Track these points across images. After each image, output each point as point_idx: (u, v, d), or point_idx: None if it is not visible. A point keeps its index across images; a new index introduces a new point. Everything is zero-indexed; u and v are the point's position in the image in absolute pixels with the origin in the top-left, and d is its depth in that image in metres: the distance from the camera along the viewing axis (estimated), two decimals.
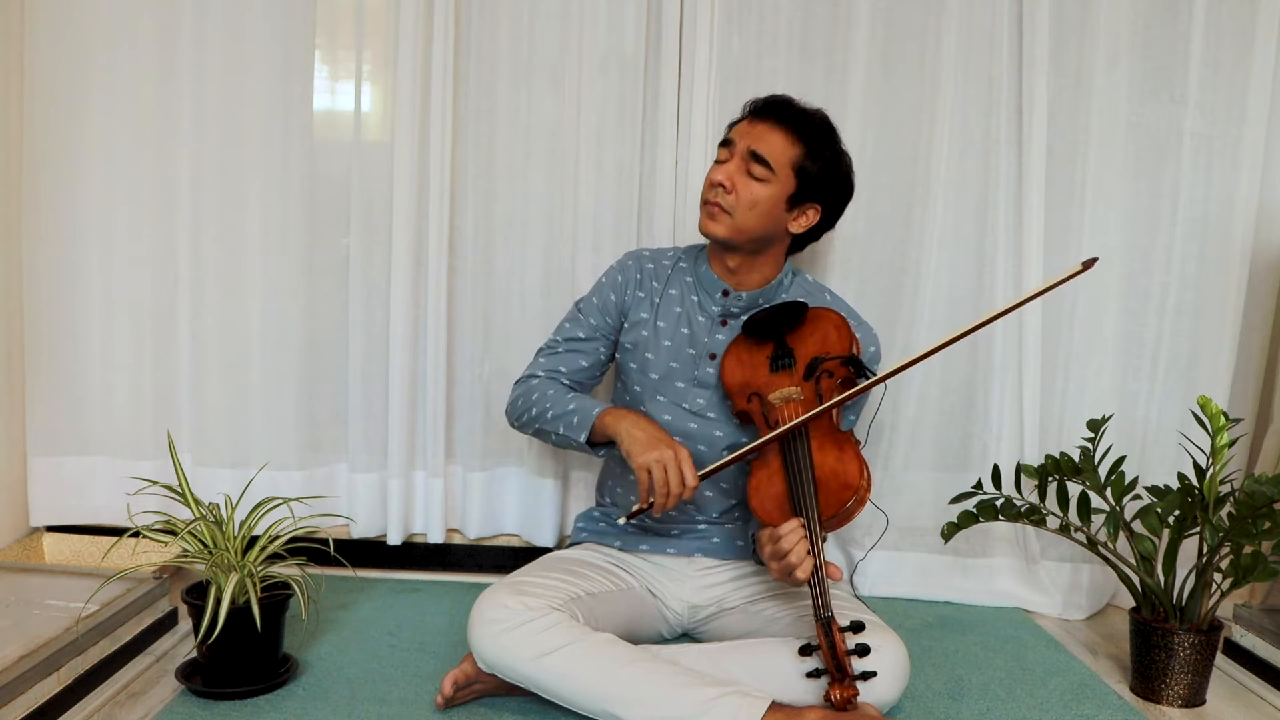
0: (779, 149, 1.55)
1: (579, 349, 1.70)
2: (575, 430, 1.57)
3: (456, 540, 2.11)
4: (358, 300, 2.01)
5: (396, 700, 1.47)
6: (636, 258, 1.73)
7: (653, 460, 1.44)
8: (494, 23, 1.96)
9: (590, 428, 1.56)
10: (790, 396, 1.50)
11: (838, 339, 1.53)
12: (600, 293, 1.71)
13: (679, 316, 1.66)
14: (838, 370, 1.50)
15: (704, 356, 1.63)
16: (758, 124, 1.58)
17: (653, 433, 1.49)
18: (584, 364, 1.70)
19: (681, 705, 1.30)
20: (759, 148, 1.55)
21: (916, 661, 1.67)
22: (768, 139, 1.56)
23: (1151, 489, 1.69)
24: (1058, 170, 1.94)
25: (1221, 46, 1.91)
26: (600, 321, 1.70)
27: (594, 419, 1.55)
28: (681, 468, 1.44)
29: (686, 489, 1.44)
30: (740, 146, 1.56)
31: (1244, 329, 1.97)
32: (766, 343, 1.58)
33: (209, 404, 2.02)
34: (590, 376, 1.73)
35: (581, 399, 1.62)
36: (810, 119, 1.59)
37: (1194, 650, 1.56)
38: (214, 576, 1.44)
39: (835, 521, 1.40)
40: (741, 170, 1.56)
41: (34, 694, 1.35)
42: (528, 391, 1.68)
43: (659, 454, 1.44)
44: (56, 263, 1.97)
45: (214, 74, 1.94)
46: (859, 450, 1.44)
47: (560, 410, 1.60)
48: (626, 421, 1.51)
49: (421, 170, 1.96)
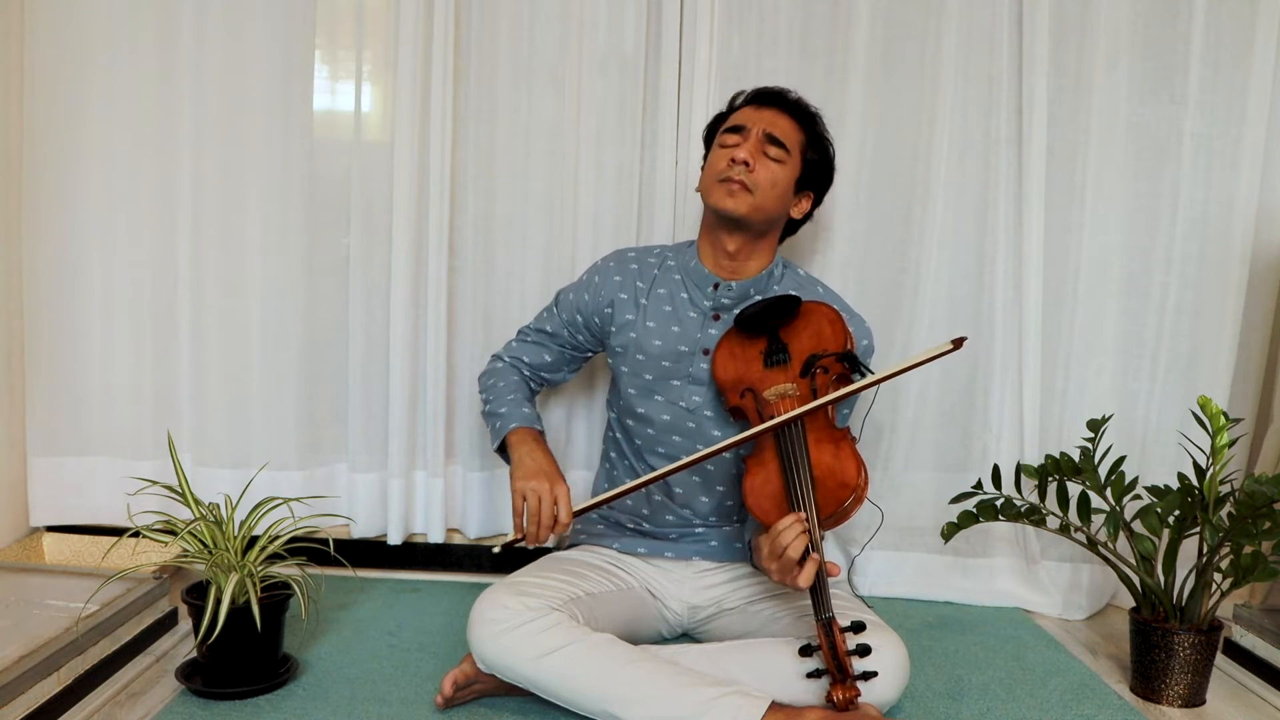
0: (791, 133, 1.61)
1: (544, 343, 1.76)
2: (494, 434, 1.67)
3: (456, 540, 2.11)
4: (358, 300, 2.01)
5: (396, 700, 1.47)
6: (620, 258, 1.72)
7: (529, 489, 1.49)
8: (494, 23, 1.96)
9: (503, 439, 1.63)
10: (785, 392, 1.48)
11: (832, 334, 1.52)
12: (577, 290, 1.73)
13: (669, 315, 1.65)
14: (833, 366, 1.49)
15: (697, 353, 1.63)
16: (764, 110, 1.62)
17: (541, 465, 1.53)
18: (547, 358, 1.75)
19: (681, 705, 1.30)
20: (775, 131, 1.59)
21: (916, 661, 1.67)
22: (780, 123, 1.60)
23: (1151, 489, 1.69)
24: (1058, 170, 1.94)
25: (1221, 46, 1.91)
26: (571, 318, 1.72)
27: (506, 432, 1.63)
28: (556, 501, 1.47)
29: (559, 524, 1.47)
30: (755, 130, 1.59)
31: (1244, 329, 1.97)
32: (759, 337, 1.56)
33: (209, 404, 2.02)
34: (552, 370, 1.77)
35: (515, 406, 1.67)
36: (807, 109, 1.66)
37: (1194, 650, 1.56)
38: (214, 576, 1.44)
39: (834, 520, 1.39)
40: (759, 151, 1.58)
41: (34, 694, 1.35)
42: (489, 374, 1.77)
43: (536, 484, 1.49)
44: (57, 262, 1.97)
45: (214, 74, 1.94)
46: (855, 447, 1.43)
47: (494, 408, 1.69)
48: (525, 448, 1.57)
49: (421, 170, 1.96)
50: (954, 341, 1.39)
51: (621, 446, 1.72)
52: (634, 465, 1.70)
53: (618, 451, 1.74)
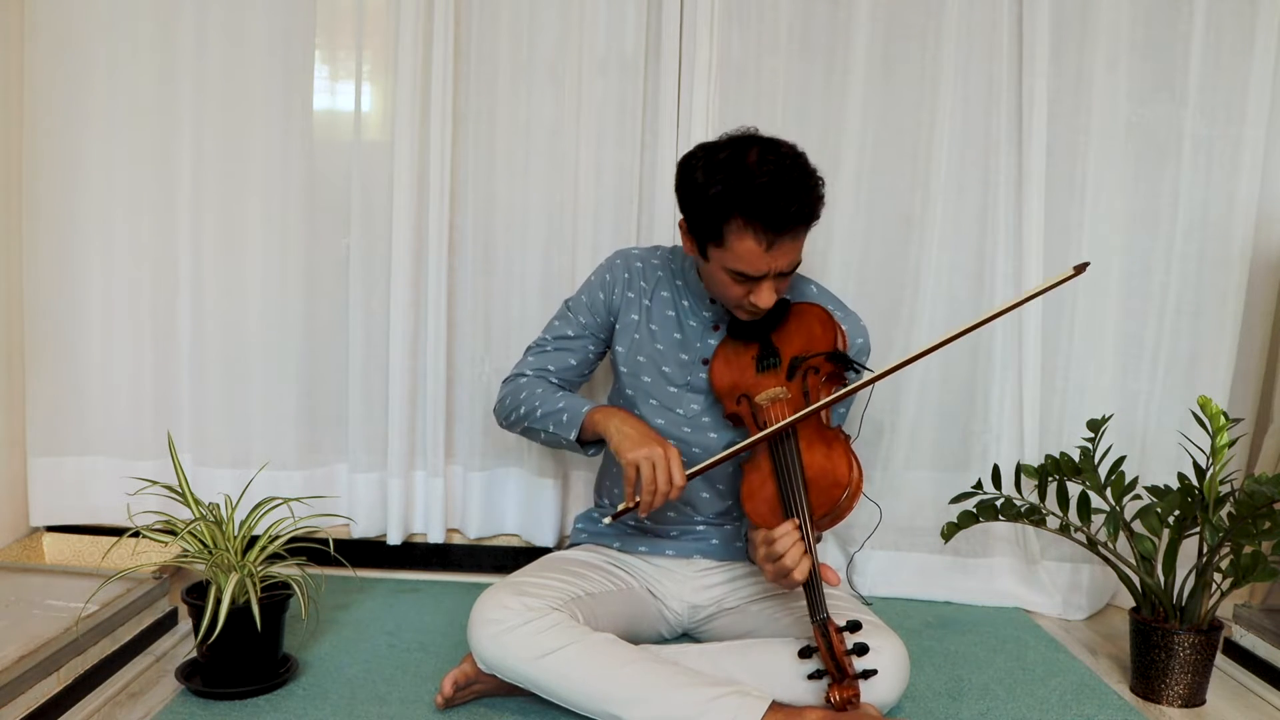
0: (800, 246, 1.47)
1: (568, 347, 1.70)
2: (565, 428, 1.57)
3: (456, 540, 2.11)
4: (358, 300, 2.01)
5: (396, 700, 1.47)
6: (625, 257, 1.71)
7: (642, 457, 1.43)
8: (494, 23, 1.96)
9: (580, 425, 1.55)
10: (777, 396, 1.49)
11: (822, 334, 1.51)
12: (589, 291, 1.70)
13: (672, 320, 1.65)
14: (823, 366, 1.49)
15: (697, 362, 1.62)
16: (776, 249, 1.41)
17: (643, 430, 1.48)
18: (572, 362, 1.70)
19: (682, 705, 1.30)
20: (788, 263, 1.46)
21: (916, 661, 1.67)
22: (793, 251, 1.45)
23: (1151, 489, 1.69)
24: (1058, 170, 1.94)
25: (1221, 47, 1.91)
26: (589, 320, 1.69)
27: (584, 416, 1.55)
28: (670, 466, 1.42)
29: (674, 488, 1.42)
30: (769, 277, 1.45)
31: (1244, 329, 1.97)
32: (753, 343, 1.56)
33: (209, 404, 2.02)
34: (579, 375, 1.73)
35: (570, 397, 1.61)
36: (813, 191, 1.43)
37: (1194, 650, 1.56)
38: (214, 576, 1.44)
39: (828, 520, 1.39)
40: (777, 284, 1.48)
41: (34, 694, 1.35)
42: (516, 390, 1.67)
43: (649, 451, 1.43)
44: (57, 262, 1.97)
45: (214, 74, 1.94)
46: (848, 446, 1.43)
47: (549, 408, 1.60)
48: (617, 419, 1.51)
49: (421, 170, 1.96)
50: (1075, 268, 1.35)
51: None
52: None
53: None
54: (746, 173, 1.39)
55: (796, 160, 1.44)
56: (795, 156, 1.45)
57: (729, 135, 1.49)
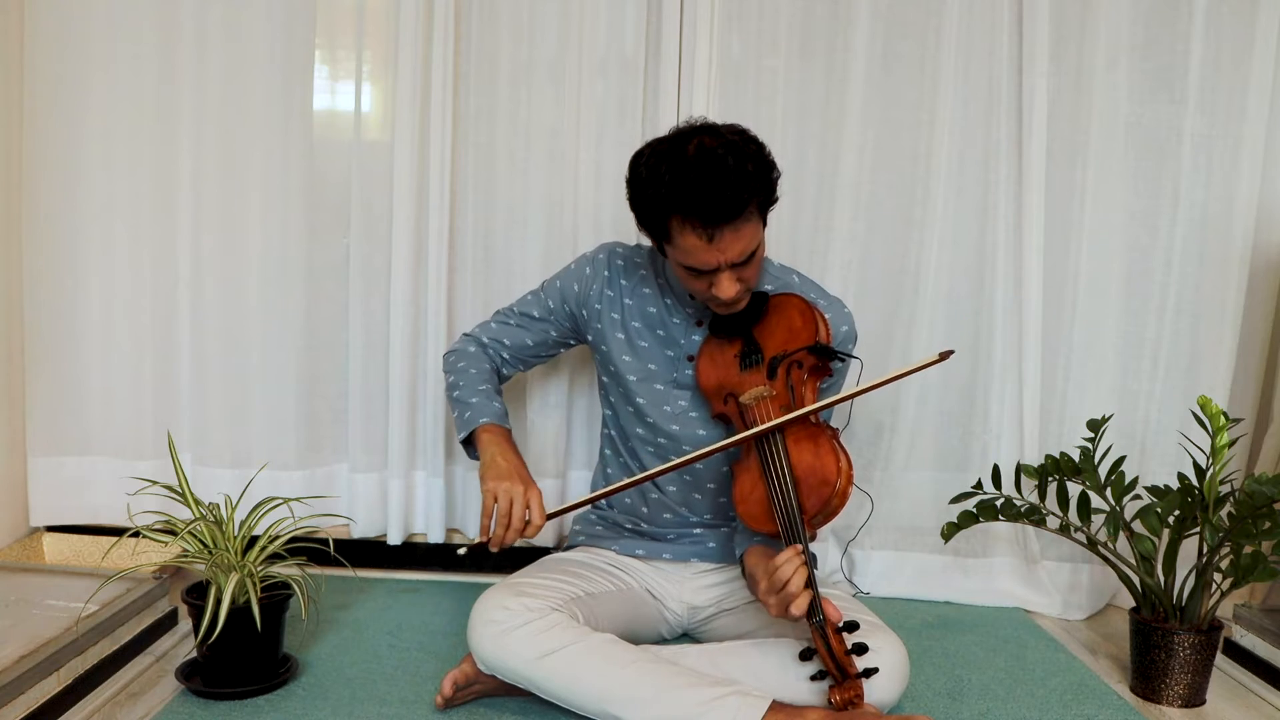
0: (749, 229, 1.39)
1: (529, 326, 1.71)
2: (461, 425, 1.60)
3: (456, 540, 2.11)
4: (358, 300, 2.01)
5: (396, 700, 1.47)
6: (610, 253, 1.69)
7: (501, 489, 1.44)
8: (494, 23, 1.96)
9: (472, 432, 1.58)
10: (762, 395, 1.47)
11: (802, 325, 1.49)
12: (565, 279, 1.69)
13: (654, 317, 1.64)
14: (805, 360, 1.47)
15: (682, 359, 1.62)
16: (717, 241, 1.36)
17: (515, 466, 1.50)
18: (529, 342, 1.71)
19: (682, 705, 1.30)
20: (739, 251, 1.39)
21: (916, 661, 1.67)
22: (739, 240, 1.37)
23: (1151, 489, 1.69)
24: (1057, 170, 1.94)
25: (1221, 46, 1.91)
26: (557, 307, 1.69)
27: (476, 426, 1.57)
28: (530, 504, 1.44)
29: (532, 527, 1.44)
30: (723, 269, 1.40)
31: (1244, 329, 1.97)
32: (735, 339, 1.55)
33: (209, 404, 2.02)
34: (535, 355, 1.74)
35: (486, 399, 1.62)
36: (744, 183, 1.34)
37: (1194, 650, 1.56)
38: (214, 576, 1.44)
39: (821, 518, 1.38)
40: (737, 278, 1.43)
41: (34, 694, 1.35)
42: (460, 356, 1.70)
43: (509, 485, 1.44)
44: (56, 262, 1.97)
45: (214, 74, 1.94)
46: (836, 441, 1.41)
47: (466, 396, 1.63)
48: (497, 447, 1.53)
49: (421, 170, 1.96)
50: (941, 354, 1.38)
51: (615, 443, 1.72)
52: (628, 462, 1.70)
53: (612, 449, 1.73)
54: (681, 166, 1.35)
55: (731, 146, 1.35)
56: (730, 144, 1.35)
57: (678, 128, 1.43)
